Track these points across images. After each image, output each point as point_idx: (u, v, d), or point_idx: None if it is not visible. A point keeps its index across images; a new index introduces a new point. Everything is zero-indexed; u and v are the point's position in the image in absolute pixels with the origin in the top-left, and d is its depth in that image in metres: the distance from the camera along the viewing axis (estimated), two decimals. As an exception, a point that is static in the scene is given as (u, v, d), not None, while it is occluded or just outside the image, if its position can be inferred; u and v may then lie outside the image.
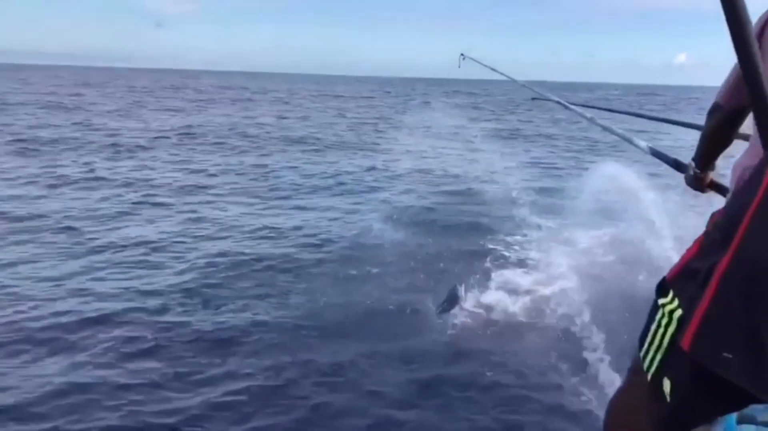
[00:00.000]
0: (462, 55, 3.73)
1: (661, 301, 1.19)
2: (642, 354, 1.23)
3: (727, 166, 1.55)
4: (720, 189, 2.01)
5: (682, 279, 1.16)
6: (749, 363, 1.00)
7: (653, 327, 1.20)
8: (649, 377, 1.21)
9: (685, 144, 3.07)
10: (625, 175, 7.89)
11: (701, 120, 1.95)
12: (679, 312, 1.13)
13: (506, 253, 7.13)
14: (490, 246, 7.37)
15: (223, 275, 6.45)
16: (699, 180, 2.03)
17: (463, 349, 4.83)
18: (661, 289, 1.21)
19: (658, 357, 1.19)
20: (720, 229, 1.08)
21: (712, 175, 2.04)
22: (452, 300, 5.46)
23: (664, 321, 1.16)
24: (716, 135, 1.79)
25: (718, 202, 1.66)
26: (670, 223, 6.64)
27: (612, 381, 3.95)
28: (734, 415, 1.84)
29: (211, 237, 7.98)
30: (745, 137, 1.59)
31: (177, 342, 4.89)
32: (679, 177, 2.18)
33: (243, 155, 15.95)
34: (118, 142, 17.25)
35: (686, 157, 2.13)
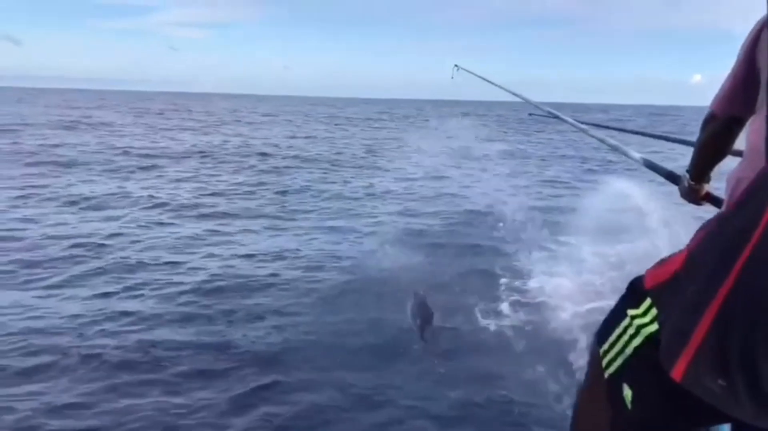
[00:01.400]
0: (456, 66, 3.72)
1: (630, 312, 1.14)
2: (602, 352, 1.20)
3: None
4: (715, 201, 1.94)
5: (667, 293, 1.09)
6: (742, 390, 0.96)
7: (617, 331, 1.17)
8: (606, 375, 1.19)
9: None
10: (634, 191, 7.82)
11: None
12: (650, 329, 1.09)
13: (516, 274, 7.08)
14: (500, 266, 7.33)
15: (243, 294, 6.54)
16: (694, 192, 1.97)
17: (476, 370, 4.84)
18: (634, 296, 1.16)
19: (619, 361, 1.16)
20: (717, 249, 1.01)
21: (707, 187, 1.97)
22: (463, 321, 5.48)
23: (630, 331, 1.13)
24: (711, 145, 1.72)
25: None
26: (679, 240, 6.57)
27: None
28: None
29: (221, 257, 8.04)
30: (738, 153, 1.55)
31: (198, 360, 4.97)
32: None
33: (258, 175, 16.14)
34: (137, 158, 17.52)
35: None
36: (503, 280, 6.78)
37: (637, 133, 3.65)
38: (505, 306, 6.02)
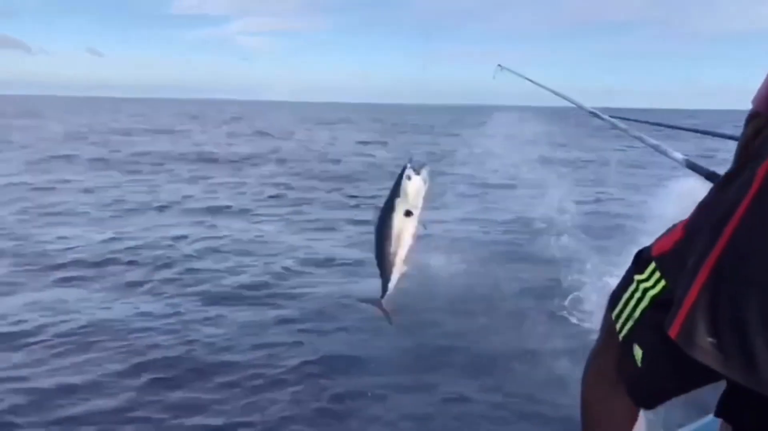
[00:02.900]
0: (499, 65, 3.54)
1: (637, 276, 1.21)
2: (614, 316, 1.27)
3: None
4: None
5: (670, 260, 1.16)
6: (730, 350, 0.99)
7: (626, 296, 1.23)
8: (620, 338, 1.25)
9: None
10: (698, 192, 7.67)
11: None
12: (653, 292, 1.18)
13: (581, 285, 7.03)
14: (566, 278, 7.29)
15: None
16: None
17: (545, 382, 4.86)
18: (639, 262, 1.22)
19: (629, 325, 1.23)
20: (712, 215, 1.07)
21: None
22: (526, 334, 5.57)
23: (637, 295, 1.20)
24: (754, 144, 1.86)
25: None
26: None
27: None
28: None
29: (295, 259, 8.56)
30: None
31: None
32: None
33: (327, 182, 16.74)
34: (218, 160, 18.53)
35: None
36: (569, 292, 6.78)
37: (687, 129, 3.52)
38: (572, 319, 6.11)
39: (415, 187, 1.79)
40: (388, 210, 1.80)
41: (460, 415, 4.55)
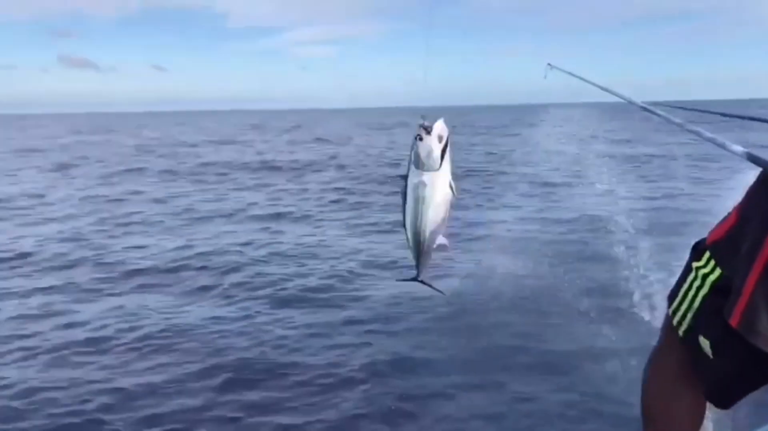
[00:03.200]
0: (549, 64, 3.49)
1: (695, 264, 1.21)
2: (671, 311, 1.25)
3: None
4: None
5: (723, 247, 1.18)
6: None
7: (684, 287, 1.22)
8: (680, 333, 1.23)
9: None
10: None
11: None
12: (713, 277, 1.18)
13: (648, 283, 6.93)
14: (632, 275, 7.08)
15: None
16: None
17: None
18: (697, 251, 1.23)
19: (689, 316, 1.21)
20: (763, 202, 1.11)
21: None
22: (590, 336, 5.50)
23: (696, 283, 1.19)
24: None
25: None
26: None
27: None
28: None
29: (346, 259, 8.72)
30: None
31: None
32: None
33: (386, 185, 16.86)
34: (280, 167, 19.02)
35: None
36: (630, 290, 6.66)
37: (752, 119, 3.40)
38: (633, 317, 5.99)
39: (427, 147, 1.60)
40: (408, 178, 1.62)
41: (530, 414, 4.54)
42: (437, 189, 1.64)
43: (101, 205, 14.50)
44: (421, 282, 1.80)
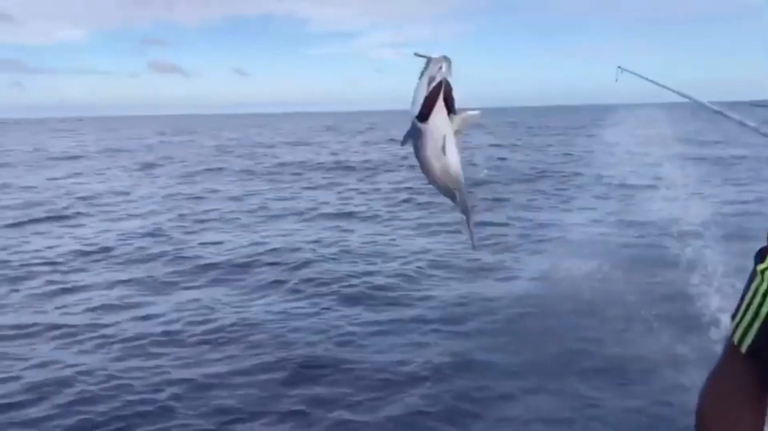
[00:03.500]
0: (619, 67, 3.37)
1: (760, 267, 1.12)
2: (734, 326, 1.15)
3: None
4: None
5: None
6: None
7: (748, 296, 1.12)
8: (744, 349, 1.12)
9: None
10: None
11: None
12: None
13: (727, 293, 6.63)
14: (710, 283, 6.65)
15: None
16: None
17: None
18: (761, 255, 1.14)
19: (756, 325, 1.10)
20: None
21: None
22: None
23: (763, 288, 1.09)
24: None
25: None
26: None
27: None
28: None
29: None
30: None
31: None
32: None
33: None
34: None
35: None
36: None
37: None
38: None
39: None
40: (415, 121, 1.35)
41: (595, 418, 4.41)
42: (423, 148, 1.36)
43: (181, 202, 15.11)
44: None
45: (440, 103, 1.31)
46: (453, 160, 1.36)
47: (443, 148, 1.33)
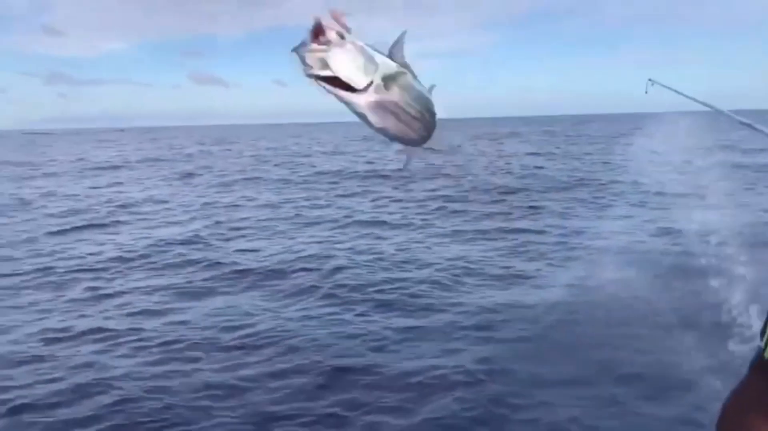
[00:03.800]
0: (650, 80, 3.31)
1: None
2: (765, 342, 1.13)
3: None
4: None
5: None
6: None
7: None
8: None
9: None
10: None
11: None
12: None
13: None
14: (754, 293, 6.49)
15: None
16: None
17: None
18: None
19: None
20: None
21: None
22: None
23: None
24: None
25: None
26: None
27: None
28: None
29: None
30: None
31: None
32: None
33: (492, 193, 16.70)
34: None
35: None
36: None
37: None
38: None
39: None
40: None
41: (632, 426, 4.36)
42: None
43: (218, 209, 15.38)
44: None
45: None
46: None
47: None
